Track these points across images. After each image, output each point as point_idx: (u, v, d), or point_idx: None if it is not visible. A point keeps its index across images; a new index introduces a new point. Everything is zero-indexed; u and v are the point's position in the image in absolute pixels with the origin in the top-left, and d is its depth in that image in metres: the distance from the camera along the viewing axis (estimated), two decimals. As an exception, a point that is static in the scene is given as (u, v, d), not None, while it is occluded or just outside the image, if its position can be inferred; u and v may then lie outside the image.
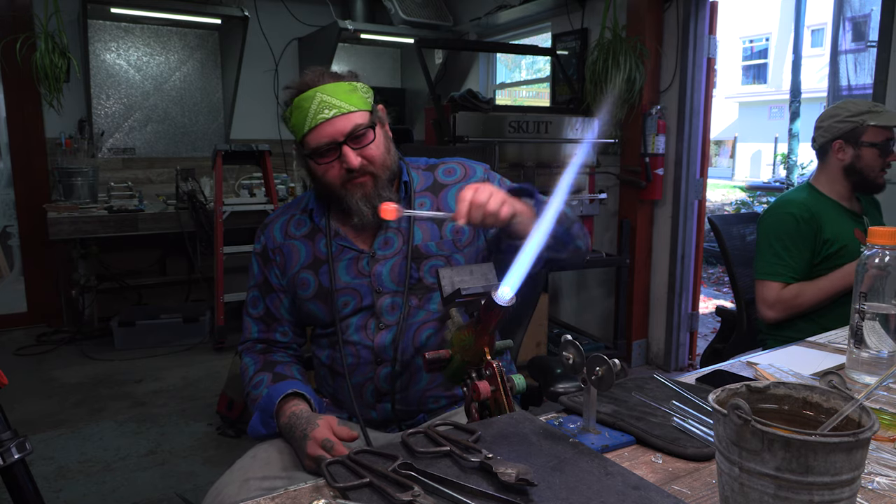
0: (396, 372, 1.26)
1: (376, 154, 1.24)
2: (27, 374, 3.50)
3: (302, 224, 1.35)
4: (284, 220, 1.37)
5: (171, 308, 4.15)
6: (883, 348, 1.08)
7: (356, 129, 1.21)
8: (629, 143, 3.50)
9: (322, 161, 1.23)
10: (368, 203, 1.23)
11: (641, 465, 0.82)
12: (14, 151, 4.12)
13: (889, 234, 1.06)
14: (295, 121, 1.23)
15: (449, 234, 1.29)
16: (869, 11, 8.38)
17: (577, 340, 0.88)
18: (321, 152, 1.22)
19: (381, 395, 1.28)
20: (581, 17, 3.79)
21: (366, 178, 1.24)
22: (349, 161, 1.21)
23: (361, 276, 1.28)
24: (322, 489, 0.75)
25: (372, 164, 1.24)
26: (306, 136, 1.22)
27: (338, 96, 1.20)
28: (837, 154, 1.88)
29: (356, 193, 1.24)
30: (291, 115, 1.23)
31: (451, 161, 1.40)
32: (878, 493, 0.74)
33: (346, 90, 1.22)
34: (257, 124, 4.87)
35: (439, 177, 1.36)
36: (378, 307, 1.27)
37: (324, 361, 1.34)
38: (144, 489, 2.34)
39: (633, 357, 3.64)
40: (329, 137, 1.20)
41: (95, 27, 4.33)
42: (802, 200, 1.89)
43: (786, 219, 1.86)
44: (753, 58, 20.71)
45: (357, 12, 4.76)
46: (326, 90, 1.20)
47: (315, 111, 1.19)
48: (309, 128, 1.20)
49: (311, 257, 1.32)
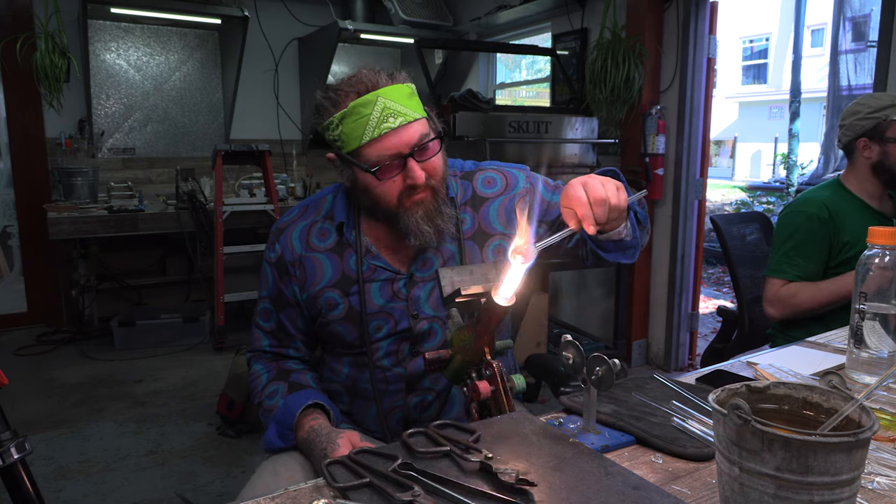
0: (429, 401, 1.19)
1: (439, 166, 1.12)
2: (27, 374, 3.50)
3: (326, 235, 1.21)
4: (304, 228, 1.22)
5: (171, 308, 4.15)
6: (883, 348, 1.08)
7: (422, 140, 1.09)
8: (629, 143, 3.50)
9: (384, 176, 1.08)
10: (430, 222, 1.11)
11: (641, 465, 0.82)
12: (14, 151, 4.12)
13: (889, 234, 1.06)
14: (349, 129, 1.07)
15: (491, 256, 1.19)
16: (869, 11, 8.39)
17: (577, 340, 0.88)
18: (383, 166, 1.07)
19: (410, 422, 1.19)
20: (581, 17, 3.79)
21: (426, 193, 1.11)
22: (415, 176, 1.08)
23: (397, 299, 1.18)
24: (322, 489, 0.75)
25: (434, 178, 1.12)
26: (366, 146, 1.07)
27: (401, 102, 1.07)
28: (863, 152, 1.81)
29: (416, 212, 1.11)
30: (342, 121, 1.08)
31: (488, 169, 1.27)
32: (878, 493, 0.74)
33: (406, 94, 1.09)
34: (257, 124, 4.87)
35: (478, 188, 1.24)
36: (415, 333, 1.18)
37: (341, 379, 1.25)
38: (144, 489, 2.34)
39: (633, 357, 3.64)
40: (395, 149, 1.07)
41: (95, 27, 4.33)
42: (823, 199, 1.82)
43: (801, 218, 1.81)
44: (753, 58, 20.70)
45: (357, 12, 4.76)
46: (388, 94, 1.06)
47: (378, 119, 1.05)
48: (371, 138, 1.06)
49: (338, 275, 1.19)
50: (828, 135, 10.31)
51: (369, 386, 1.21)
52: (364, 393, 1.22)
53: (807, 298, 1.78)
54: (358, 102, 1.06)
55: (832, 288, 1.75)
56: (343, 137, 1.09)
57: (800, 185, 9.39)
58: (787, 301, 1.80)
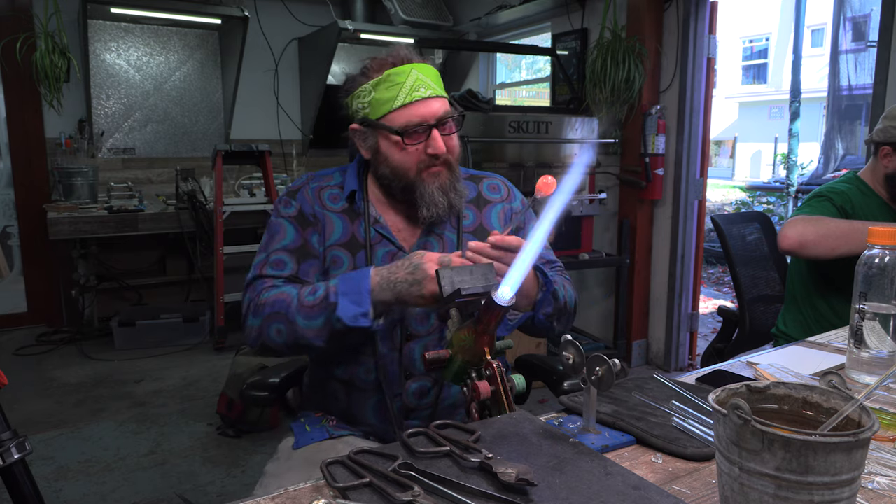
0: (427, 387, 1.20)
1: (456, 145, 1.20)
2: (27, 374, 3.50)
3: (336, 199, 1.25)
4: (315, 189, 1.26)
5: (171, 308, 4.15)
6: (883, 348, 1.08)
7: (447, 115, 1.16)
8: (629, 143, 3.50)
9: (409, 141, 1.14)
10: (445, 195, 1.17)
11: (641, 465, 0.82)
12: (14, 151, 4.12)
13: (889, 234, 1.06)
14: (381, 95, 1.14)
15: None
16: (869, 11, 8.39)
17: (577, 340, 0.88)
18: (409, 132, 1.14)
19: (409, 411, 1.21)
20: (581, 17, 3.79)
21: (443, 168, 1.17)
22: (437, 146, 1.14)
23: None
24: (322, 489, 0.75)
25: (451, 154, 1.18)
26: (396, 111, 1.13)
27: (431, 78, 1.15)
28: (883, 160, 1.80)
29: (433, 183, 1.17)
30: (375, 88, 1.14)
31: (494, 177, 1.36)
32: (878, 493, 0.74)
33: (436, 75, 1.17)
34: (257, 124, 4.87)
35: (483, 191, 1.32)
36: (407, 314, 1.19)
37: (338, 375, 1.24)
38: (144, 489, 2.34)
39: (633, 357, 3.64)
40: (421, 117, 1.13)
41: (95, 27, 4.32)
42: (845, 191, 1.81)
43: (824, 204, 1.78)
44: (753, 58, 20.70)
45: (357, 12, 4.76)
46: (421, 69, 1.14)
47: (411, 88, 1.12)
48: (402, 103, 1.12)
49: (347, 235, 1.22)
50: (828, 135, 10.30)
51: (367, 377, 1.21)
52: (363, 385, 1.22)
53: (824, 225, 1.67)
54: (393, 71, 1.13)
55: (852, 226, 1.65)
56: (373, 103, 1.15)
57: (800, 186, 9.38)
58: (805, 222, 1.70)
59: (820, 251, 1.68)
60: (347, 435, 1.25)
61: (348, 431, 1.25)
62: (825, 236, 1.66)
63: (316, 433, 1.25)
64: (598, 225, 3.74)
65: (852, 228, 1.64)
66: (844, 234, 1.64)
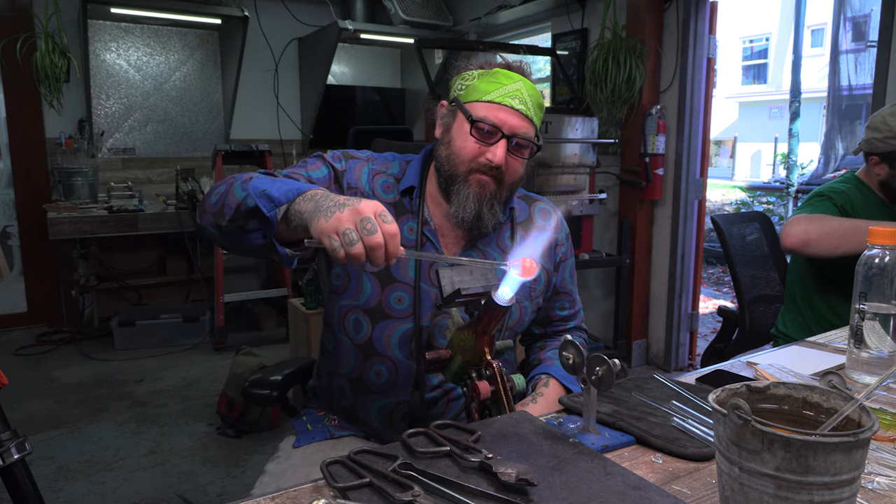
0: (436, 398, 1.20)
1: (518, 171, 1.18)
2: (27, 374, 3.50)
3: (389, 189, 1.22)
4: (371, 171, 1.22)
5: (171, 308, 4.15)
6: (883, 348, 1.08)
7: (523, 135, 1.14)
8: (629, 143, 3.50)
9: (476, 134, 1.13)
10: (478, 205, 1.15)
11: (641, 465, 0.82)
12: (14, 151, 4.12)
13: (889, 234, 1.06)
14: (481, 84, 1.14)
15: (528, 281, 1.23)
16: (869, 11, 8.38)
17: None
18: (482, 126, 1.12)
19: (415, 420, 1.19)
20: (581, 17, 3.79)
21: (492, 180, 1.15)
22: (497, 154, 1.12)
23: (430, 283, 1.18)
24: (322, 489, 0.75)
25: (507, 175, 1.16)
26: (483, 103, 1.13)
27: (532, 99, 1.15)
28: (874, 168, 1.80)
29: (473, 186, 1.15)
30: (480, 76, 1.15)
31: (546, 203, 1.35)
32: (878, 493, 0.74)
33: (539, 102, 1.17)
34: (257, 124, 4.87)
35: (535, 215, 1.32)
36: (432, 325, 1.18)
37: (346, 371, 1.23)
38: (144, 489, 2.34)
39: (633, 357, 3.64)
40: (499, 121, 1.12)
41: (95, 27, 4.32)
42: (845, 190, 1.81)
43: (825, 204, 1.78)
44: (753, 58, 20.70)
45: (357, 12, 4.76)
46: (528, 86, 1.14)
47: (509, 92, 1.12)
48: (492, 99, 1.12)
49: None
50: (828, 135, 10.29)
51: (377, 379, 1.20)
52: (371, 386, 1.21)
53: (827, 223, 1.67)
54: (503, 72, 1.15)
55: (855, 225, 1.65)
56: (470, 88, 1.15)
57: (800, 186, 9.38)
58: (808, 220, 1.70)
59: (823, 249, 1.67)
60: (349, 436, 1.25)
61: (349, 432, 1.25)
62: (828, 234, 1.66)
63: (317, 432, 1.25)
64: (598, 225, 3.74)
65: (855, 227, 1.64)
66: (847, 232, 1.64)
